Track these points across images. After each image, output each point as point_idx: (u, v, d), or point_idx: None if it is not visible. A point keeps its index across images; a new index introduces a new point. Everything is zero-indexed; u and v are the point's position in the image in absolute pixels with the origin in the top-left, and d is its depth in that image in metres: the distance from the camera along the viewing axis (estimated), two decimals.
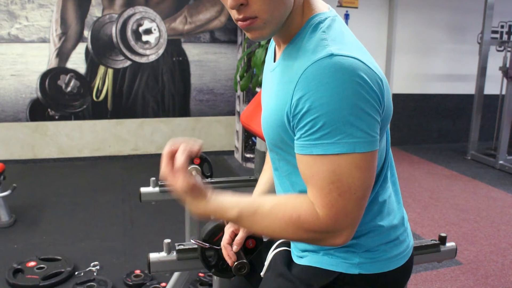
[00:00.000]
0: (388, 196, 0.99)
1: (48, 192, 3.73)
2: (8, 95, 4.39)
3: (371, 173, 0.84)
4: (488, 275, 2.60)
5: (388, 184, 0.99)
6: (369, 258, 0.96)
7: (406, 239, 1.02)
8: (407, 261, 1.02)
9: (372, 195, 0.95)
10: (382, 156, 0.96)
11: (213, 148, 4.98)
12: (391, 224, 0.98)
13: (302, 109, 0.80)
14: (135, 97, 4.71)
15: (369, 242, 0.95)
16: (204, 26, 4.77)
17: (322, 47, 0.82)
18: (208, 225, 1.21)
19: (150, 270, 1.30)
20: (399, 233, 1.00)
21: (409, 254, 1.03)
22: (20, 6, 4.28)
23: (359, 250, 0.95)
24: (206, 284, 2.32)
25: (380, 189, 0.97)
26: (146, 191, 1.82)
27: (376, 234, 0.96)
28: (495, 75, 5.12)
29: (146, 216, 3.25)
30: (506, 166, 4.68)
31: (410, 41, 5.43)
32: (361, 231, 0.94)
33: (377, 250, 0.96)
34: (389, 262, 0.98)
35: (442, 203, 3.74)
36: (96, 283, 2.34)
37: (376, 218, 0.96)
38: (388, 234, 0.98)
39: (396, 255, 0.99)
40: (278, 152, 0.96)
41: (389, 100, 0.88)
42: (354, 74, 0.78)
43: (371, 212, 0.95)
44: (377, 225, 0.96)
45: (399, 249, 0.99)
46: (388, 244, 0.98)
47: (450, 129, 5.87)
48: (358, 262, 0.95)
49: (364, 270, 0.95)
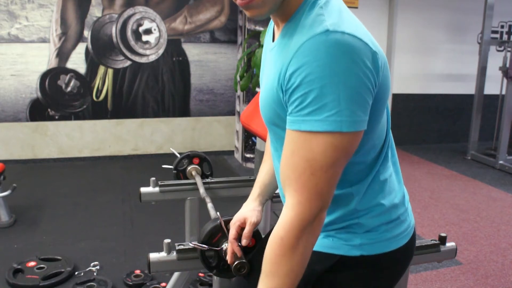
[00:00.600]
0: (389, 175, 0.99)
1: (48, 192, 3.73)
2: (8, 95, 4.39)
3: (348, 153, 0.84)
4: (488, 275, 2.60)
5: (389, 163, 0.99)
6: (370, 239, 0.95)
7: (407, 219, 1.02)
8: (408, 241, 1.01)
9: (373, 174, 0.95)
10: (383, 135, 0.96)
11: (213, 148, 4.98)
12: (392, 203, 0.98)
13: (294, 83, 0.81)
14: (135, 97, 4.71)
15: (370, 222, 0.95)
16: (204, 26, 4.77)
17: (318, 23, 0.82)
18: (207, 226, 1.21)
19: (150, 270, 1.30)
20: (400, 213, 1.00)
21: (410, 233, 1.03)
22: (20, 6, 4.28)
23: (360, 230, 0.95)
24: (206, 284, 2.32)
25: (381, 168, 0.96)
26: (146, 191, 1.82)
27: (377, 213, 0.96)
28: (495, 75, 5.12)
29: (146, 216, 3.25)
30: (506, 166, 4.68)
31: (410, 41, 5.43)
32: (363, 210, 0.94)
33: (378, 230, 0.96)
34: (391, 242, 0.98)
35: (442, 203, 3.74)
36: (96, 283, 2.34)
37: (377, 196, 0.96)
38: (389, 213, 0.98)
39: (398, 235, 0.99)
40: (275, 130, 0.96)
41: (386, 76, 0.88)
42: (349, 51, 0.78)
43: (373, 190, 0.95)
44: (379, 204, 0.96)
45: (400, 228, 0.99)
46: (389, 224, 0.97)
47: (450, 129, 5.87)
48: (360, 244, 0.95)
49: (365, 252, 0.95)
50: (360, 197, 0.94)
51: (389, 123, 0.99)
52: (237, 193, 1.87)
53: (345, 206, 0.95)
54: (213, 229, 1.19)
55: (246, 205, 1.21)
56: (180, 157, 2.01)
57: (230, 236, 1.15)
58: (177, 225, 2.87)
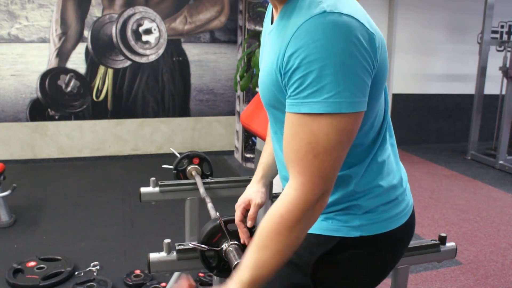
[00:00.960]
0: (387, 157, 0.99)
1: (48, 192, 3.73)
2: (8, 95, 4.39)
3: (350, 136, 0.84)
4: (488, 275, 2.60)
5: (387, 145, 1.00)
6: (369, 220, 0.96)
7: (405, 198, 1.03)
8: (407, 220, 1.02)
9: (372, 155, 0.95)
10: (381, 117, 0.96)
11: (213, 148, 4.98)
12: (391, 184, 0.99)
13: (292, 66, 0.81)
14: (135, 97, 4.71)
15: (368, 203, 0.96)
16: (204, 26, 4.77)
17: (316, 4, 0.82)
18: (206, 226, 1.21)
19: (150, 270, 1.30)
20: (398, 193, 1.01)
21: (409, 212, 1.03)
22: (20, 6, 4.28)
23: (359, 211, 0.95)
24: (206, 284, 2.32)
25: (379, 149, 0.97)
26: (146, 191, 1.82)
27: (376, 194, 0.96)
28: (495, 75, 5.12)
29: (146, 216, 3.25)
30: (506, 166, 4.68)
31: (410, 41, 5.43)
32: (361, 191, 0.95)
33: (377, 211, 0.96)
34: (390, 221, 0.98)
35: (442, 203, 3.74)
36: (96, 283, 2.34)
37: (376, 178, 0.96)
38: (388, 194, 0.98)
39: (396, 214, 0.99)
40: (274, 113, 0.96)
41: (384, 58, 0.88)
42: (347, 32, 0.78)
43: (371, 172, 0.96)
44: (377, 185, 0.96)
45: (398, 208, 1.00)
46: (388, 204, 0.98)
47: (450, 129, 5.87)
48: (359, 225, 0.95)
49: (365, 232, 0.95)
50: (359, 179, 0.94)
51: (388, 106, 0.99)
52: (237, 193, 1.86)
53: (343, 188, 0.95)
54: (212, 229, 1.19)
55: (250, 187, 1.23)
56: (180, 157, 2.01)
57: (236, 218, 1.16)
58: (177, 225, 2.87)
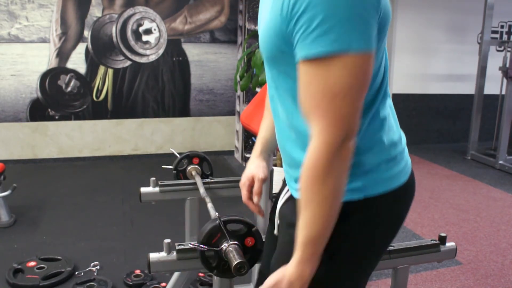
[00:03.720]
0: (387, 114, 1.00)
1: (48, 192, 3.73)
2: (8, 95, 4.39)
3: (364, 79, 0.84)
4: (488, 275, 2.60)
5: (387, 101, 1.00)
6: (372, 180, 0.96)
7: (404, 157, 1.04)
8: (408, 178, 1.03)
9: (374, 109, 0.95)
10: (381, 71, 0.96)
11: (213, 148, 4.98)
12: (392, 141, 0.99)
13: (298, 10, 0.81)
14: (135, 97, 4.71)
15: (370, 159, 0.96)
16: (204, 26, 4.78)
17: None
18: (206, 226, 1.21)
19: (150, 270, 1.30)
20: (398, 151, 1.01)
21: (409, 171, 1.04)
22: (20, 6, 4.28)
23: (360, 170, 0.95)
24: (206, 284, 2.32)
25: (381, 105, 0.97)
26: (146, 191, 1.82)
27: (377, 150, 0.97)
28: (495, 75, 5.12)
29: (146, 216, 3.25)
30: (506, 166, 4.68)
31: (410, 41, 5.43)
32: (364, 145, 0.95)
33: (378, 169, 0.97)
34: (391, 180, 0.99)
35: (442, 203, 3.74)
36: (96, 283, 2.34)
37: (378, 132, 0.97)
38: (389, 151, 0.99)
39: (397, 173, 1.00)
40: (277, 66, 0.96)
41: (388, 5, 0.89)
42: None
43: (374, 126, 0.96)
44: (379, 140, 0.97)
45: (399, 166, 1.01)
46: (389, 162, 0.99)
47: (450, 129, 5.87)
48: (362, 185, 0.96)
49: (368, 193, 0.96)
50: (362, 133, 0.94)
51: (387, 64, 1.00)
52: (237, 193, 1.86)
53: None
54: (212, 229, 1.19)
55: (251, 163, 1.24)
56: (180, 157, 2.01)
57: (243, 197, 1.19)
58: (177, 225, 2.87)
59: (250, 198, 1.18)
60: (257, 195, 1.16)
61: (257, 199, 1.16)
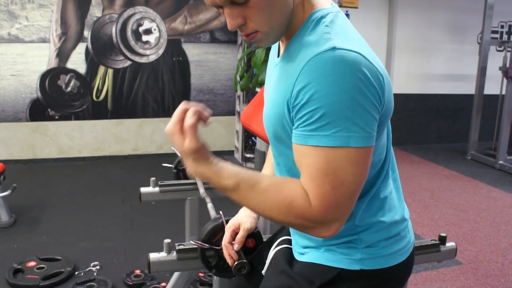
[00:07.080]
0: (389, 193, 0.99)
1: (48, 192, 3.73)
2: (8, 95, 4.39)
3: (365, 169, 0.84)
4: (488, 275, 2.60)
5: (389, 181, 1.00)
6: (371, 254, 0.96)
7: (407, 235, 1.03)
8: (408, 257, 1.02)
9: (373, 191, 0.96)
10: (383, 153, 0.96)
11: (213, 148, 4.93)
12: (392, 220, 0.99)
13: (301, 100, 0.81)
14: (135, 97, 4.71)
15: (370, 237, 0.96)
16: (204, 26, 4.77)
17: (324, 40, 0.83)
18: (208, 225, 1.21)
19: (150, 270, 1.30)
20: (400, 229, 1.01)
21: (410, 250, 1.04)
22: (20, 6, 4.28)
23: (361, 245, 0.96)
24: (206, 284, 2.32)
25: (382, 185, 0.97)
26: (146, 191, 1.82)
27: (377, 229, 0.97)
28: (495, 75, 5.12)
29: (146, 216, 3.24)
30: (506, 166, 4.68)
31: (410, 41, 5.43)
32: (363, 226, 0.95)
33: (378, 245, 0.97)
34: (390, 257, 0.98)
35: (442, 203, 3.74)
36: (96, 283, 2.34)
37: (377, 213, 0.97)
38: (389, 229, 0.98)
39: (398, 251, 0.99)
40: (279, 147, 0.97)
41: (390, 97, 0.89)
42: (355, 69, 0.79)
43: (373, 207, 0.96)
44: (379, 221, 0.96)
45: (400, 244, 1.00)
46: (389, 240, 0.98)
47: (450, 129, 5.87)
48: (360, 258, 0.96)
49: (365, 266, 0.96)
50: (360, 214, 0.95)
51: (390, 140, 1.00)
52: None
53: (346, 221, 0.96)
54: (214, 228, 1.20)
55: (242, 210, 1.23)
56: (180, 157, 2.00)
57: (224, 240, 1.17)
58: (177, 225, 2.86)
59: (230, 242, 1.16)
60: (238, 244, 1.15)
61: (237, 247, 1.15)
